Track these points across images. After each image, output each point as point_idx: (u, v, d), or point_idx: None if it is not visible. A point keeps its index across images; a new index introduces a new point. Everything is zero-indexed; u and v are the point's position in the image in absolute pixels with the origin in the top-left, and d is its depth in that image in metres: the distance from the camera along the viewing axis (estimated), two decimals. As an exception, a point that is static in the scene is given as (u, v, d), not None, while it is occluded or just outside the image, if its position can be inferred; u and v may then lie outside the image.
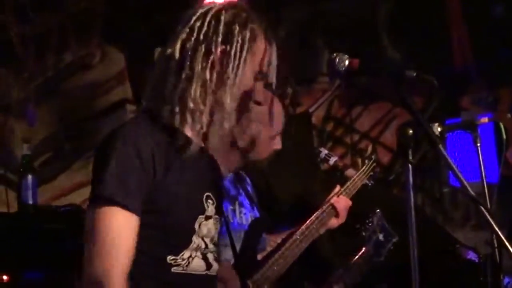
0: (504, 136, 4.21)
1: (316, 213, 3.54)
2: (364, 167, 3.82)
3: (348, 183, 3.68)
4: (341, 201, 3.58)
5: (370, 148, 3.98)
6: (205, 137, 2.37)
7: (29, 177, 4.96)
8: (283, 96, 5.22)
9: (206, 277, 2.37)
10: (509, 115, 4.53)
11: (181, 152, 2.28)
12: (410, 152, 2.57)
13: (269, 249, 3.48)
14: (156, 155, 2.21)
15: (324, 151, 3.88)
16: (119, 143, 2.18)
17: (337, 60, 2.74)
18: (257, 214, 3.51)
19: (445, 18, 4.62)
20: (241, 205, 3.48)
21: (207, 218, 2.34)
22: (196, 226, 2.30)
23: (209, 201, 2.37)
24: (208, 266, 2.36)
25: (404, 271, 2.56)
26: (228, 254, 3.25)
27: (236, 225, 3.40)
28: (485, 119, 4.06)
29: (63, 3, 5.40)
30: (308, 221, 3.50)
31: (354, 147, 5.29)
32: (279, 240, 3.48)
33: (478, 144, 3.87)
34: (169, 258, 2.25)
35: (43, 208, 5.16)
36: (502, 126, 4.20)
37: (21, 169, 4.97)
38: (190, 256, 2.29)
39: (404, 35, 4.70)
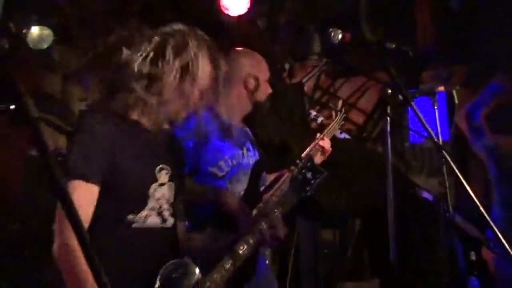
0: (457, 101, 4.22)
1: (306, 150, 3.43)
2: (337, 117, 3.69)
3: (327, 129, 3.56)
4: (325, 141, 3.47)
5: (340, 104, 3.88)
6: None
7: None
8: (282, 70, 5.18)
9: (161, 230, 2.34)
10: (458, 87, 4.47)
11: (132, 135, 2.30)
12: (389, 108, 2.52)
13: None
14: (113, 140, 2.22)
15: (313, 113, 3.81)
16: (79, 131, 2.23)
17: (332, 34, 2.66)
18: (258, 157, 3.43)
19: (414, 9, 4.53)
20: (248, 149, 3.36)
21: (161, 185, 2.33)
22: (150, 192, 2.29)
23: (163, 171, 2.35)
24: (163, 221, 2.34)
25: (375, 209, 2.52)
26: (239, 187, 3.21)
27: (245, 165, 3.30)
28: (442, 88, 4.04)
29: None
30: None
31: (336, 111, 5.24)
32: (272, 177, 3.40)
33: (436, 107, 3.88)
34: (129, 217, 2.23)
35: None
36: (455, 93, 4.22)
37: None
38: (147, 215, 2.28)
39: (379, 22, 4.58)
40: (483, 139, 4.38)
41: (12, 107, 1.21)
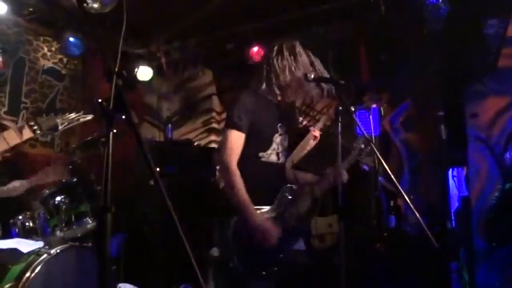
0: (383, 114, 4.17)
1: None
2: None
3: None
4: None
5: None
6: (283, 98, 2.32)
7: (169, 125, 4.93)
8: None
9: (277, 164, 2.32)
10: (384, 105, 4.41)
11: (265, 105, 2.27)
12: (339, 117, 2.49)
13: None
14: (255, 107, 2.22)
15: (301, 119, 3.75)
16: (237, 101, 2.22)
17: (308, 74, 2.64)
18: None
19: (359, 60, 4.45)
20: None
21: (280, 135, 2.31)
22: (274, 138, 2.28)
23: (281, 127, 2.32)
24: (278, 158, 2.32)
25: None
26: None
27: None
28: (374, 105, 3.97)
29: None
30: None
31: (314, 117, 5.15)
32: None
33: (371, 117, 3.81)
34: (260, 153, 2.25)
35: (178, 140, 5.09)
36: (382, 109, 4.17)
37: (165, 122, 4.97)
38: (271, 153, 2.27)
39: (339, 67, 4.51)
40: (399, 135, 4.36)
41: (123, 117, 1.27)
